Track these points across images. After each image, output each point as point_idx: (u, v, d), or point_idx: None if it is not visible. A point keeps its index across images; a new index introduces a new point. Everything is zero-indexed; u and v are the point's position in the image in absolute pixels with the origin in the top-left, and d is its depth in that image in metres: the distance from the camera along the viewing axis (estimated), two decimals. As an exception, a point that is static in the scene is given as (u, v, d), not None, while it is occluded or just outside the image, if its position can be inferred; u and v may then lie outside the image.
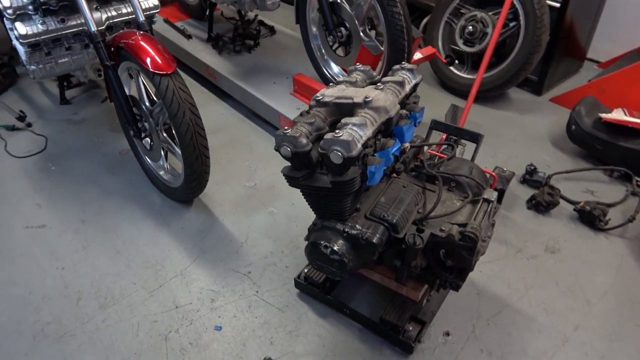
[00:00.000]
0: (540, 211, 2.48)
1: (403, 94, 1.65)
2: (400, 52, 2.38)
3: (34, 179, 2.78)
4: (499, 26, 2.69)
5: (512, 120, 3.26)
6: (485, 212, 1.61)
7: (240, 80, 3.19)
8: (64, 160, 2.92)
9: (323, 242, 1.56)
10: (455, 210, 1.63)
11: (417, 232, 1.57)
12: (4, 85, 3.57)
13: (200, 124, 2.20)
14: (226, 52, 3.52)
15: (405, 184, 1.69)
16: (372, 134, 1.48)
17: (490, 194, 1.65)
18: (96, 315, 2.05)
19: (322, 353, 1.89)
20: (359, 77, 1.76)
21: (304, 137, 1.47)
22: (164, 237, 2.40)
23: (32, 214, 2.55)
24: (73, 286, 2.17)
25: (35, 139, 3.10)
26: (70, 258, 2.30)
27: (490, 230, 1.72)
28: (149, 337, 1.96)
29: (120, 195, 2.65)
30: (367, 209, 1.61)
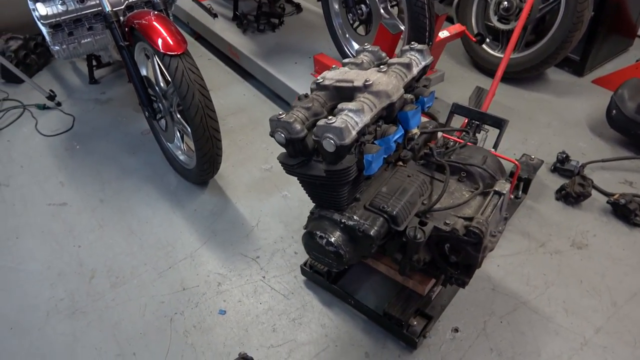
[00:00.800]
0: (569, 203, 2.31)
1: (409, 77, 1.54)
2: (422, 31, 2.24)
3: (59, 158, 2.85)
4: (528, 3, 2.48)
5: (548, 103, 3.05)
6: (495, 205, 1.50)
7: (261, 60, 3.13)
8: (89, 139, 2.98)
9: (319, 232, 1.50)
10: (462, 203, 1.52)
11: (420, 225, 1.47)
12: (38, 65, 3.67)
13: (211, 106, 2.16)
14: (250, 31, 3.46)
15: (411, 173, 1.59)
16: (370, 120, 1.40)
17: (503, 186, 1.53)
18: (107, 294, 2.09)
19: (324, 343, 1.85)
20: (366, 59, 1.66)
21: (299, 122, 1.40)
22: (177, 219, 2.41)
23: (55, 192, 2.62)
24: (87, 264, 2.22)
25: (63, 118, 3.17)
26: (87, 236, 2.35)
27: (501, 225, 1.60)
28: (155, 317, 1.98)
29: (139, 175, 2.68)
30: (368, 198, 1.53)
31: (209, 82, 3.41)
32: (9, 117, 3.22)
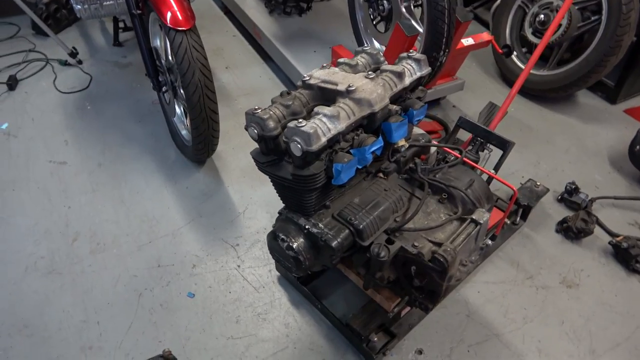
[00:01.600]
0: (569, 237, 2.19)
1: (400, 87, 1.46)
2: (439, 36, 2.13)
3: (69, 116, 2.89)
4: (560, 14, 2.32)
5: (571, 127, 2.88)
6: (469, 234, 1.41)
7: (281, 43, 3.07)
8: (101, 101, 3.01)
9: (282, 234, 1.46)
10: (435, 226, 1.45)
11: (386, 243, 1.41)
12: (68, 21, 3.72)
13: (211, 87, 2.13)
14: (277, 13, 3.39)
15: (388, 187, 1.52)
16: (346, 128, 1.33)
17: (481, 215, 1.44)
18: (85, 259, 2.11)
19: (284, 343, 1.83)
20: (362, 61, 1.58)
21: (273, 120, 1.35)
22: (167, 194, 2.41)
23: (57, 150, 2.66)
24: (73, 226, 2.25)
25: (81, 77, 3.21)
26: (79, 198, 2.38)
27: (475, 255, 1.52)
28: (125, 290, 1.99)
29: (140, 145, 2.68)
30: (338, 208, 1.47)
31: (228, 59, 3.41)
32: (32, 68, 3.28)
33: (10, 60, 3.34)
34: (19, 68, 3.26)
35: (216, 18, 3.88)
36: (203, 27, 3.64)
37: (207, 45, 3.47)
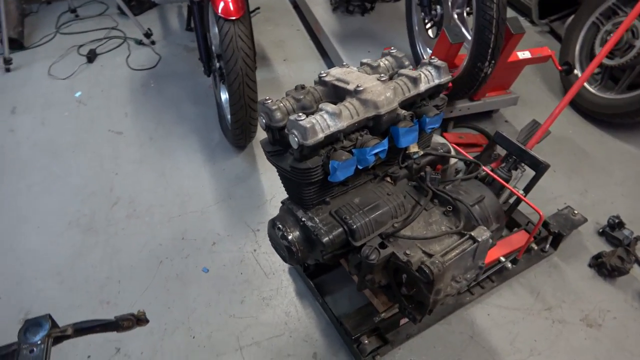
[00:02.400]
0: (602, 274, 2.03)
1: (413, 92, 1.45)
2: (484, 47, 2.06)
3: (133, 91, 3.12)
4: (620, 30, 2.14)
5: (632, 158, 2.65)
6: (464, 250, 1.37)
7: (337, 41, 3.10)
8: (164, 80, 3.22)
9: (279, 223, 1.50)
10: (431, 237, 1.42)
11: (378, 247, 1.41)
12: (150, 4, 4.00)
13: (252, 76, 2.21)
14: (340, 10, 3.42)
15: (392, 192, 1.51)
16: (347, 127, 1.34)
17: (480, 232, 1.39)
18: (120, 222, 2.29)
19: (281, 330, 1.88)
20: (385, 63, 1.58)
21: (281, 112, 1.40)
22: (204, 173, 2.54)
23: (117, 120, 2.89)
24: (116, 191, 2.44)
25: (151, 56, 3.45)
26: (126, 167, 2.58)
27: (472, 273, 1.47)
28: (149, 256, 2.14)
29: (190, 125, 2.84)
30: (337, 205, 1.48)
31: (288, 52, 3.50)
32: (111, 44, 3.57)
33: (95, 35, 3.67)
34: (100, 43, 3.56)
35: (285, 11, 3.99)
36: (270, 19, 3.78)
37: (270, 37, 3.63)
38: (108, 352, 1.82)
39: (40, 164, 2.60)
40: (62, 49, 3.50)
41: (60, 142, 2.74)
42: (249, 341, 1.85)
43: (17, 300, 1.98)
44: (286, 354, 1.81)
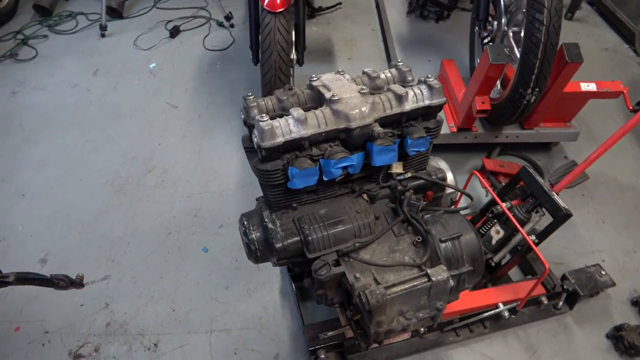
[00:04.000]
0: (618, 349, 1.77)
1: (396, 110, 1.36)
2: (528, 73, 1.86)
3: (200, 69, 3.29)
4: None
5: None
6: (414, 287, 1.28)
7: (400, 45, 3.00)
8: (230, 63, 3.35)
9: (245, 220, 1.50)
10: (383, 265, 1.34)
11: (331, 264, 1.36)
12: (240, -12, 4.17)
13: (285, 71, 2.22)
14: (415, 15, 3.29)
15: (362, 210, 1.43)
16: (312, 135, 1.30)
17: (437, 272, 1.28)
18: (148, 189, 2.45)
19: (254, 324, 1.89)
20: (386, 75, 1.50)
21: (259, 109, 1.40)
22: (235, 158, 2.61)
23: (177, 94, 3.07)
24: (153, 160, 2.61)
25: (226, 39, 3.60)
26: (169, 139, 2.74)
27: (428, 313, 1.36)
28: (161, 226, 2.27)
29: (237, 109, 2.94)
30: (303, 212, 1.45)
31: (355, 51, 3.45)
32: (194, 23, 3.79)
33: (185, 12, 3.91)
34: (186, 20, 3.79)
35: (366, 9, 3.93)
36: (349, 16, 3.75)
37: (343, 34, 3.60)
38: (98, 305, 1.97)
39: (101, 124, 2.86)
40: (152, 22, 3.78)
41: (123, 107, 2.98)
42: (221, 327, 1.89)
43: (41, 241, 2.21)
44: (250, 348, 1.82)
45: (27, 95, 3.11)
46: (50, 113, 2.96)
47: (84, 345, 1.84)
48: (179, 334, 1.87)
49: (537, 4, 1.76)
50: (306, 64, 3.14)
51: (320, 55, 3.38)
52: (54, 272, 1.87)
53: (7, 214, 2.35)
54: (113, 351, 1.82)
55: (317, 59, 3.33)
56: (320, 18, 3.80)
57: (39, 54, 3.46)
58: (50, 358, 1.81)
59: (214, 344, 1.84)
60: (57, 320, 1.92)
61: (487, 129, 2.36)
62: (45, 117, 2.93)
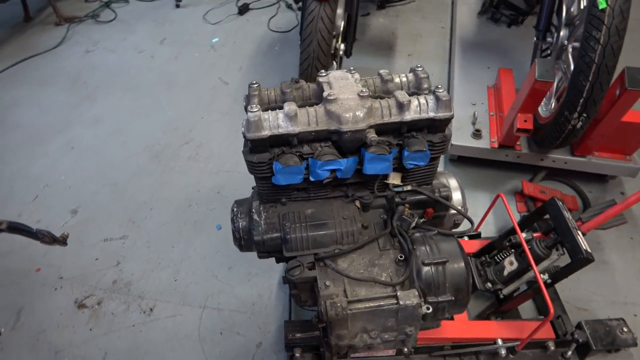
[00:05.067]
0: (626, 417, 1.58)
1: (395, 118, 1.27)
2: (576, 95, 1.67)
3: (258, 49, 3.33)
4: None
5: None
6: (380, 306, 1.21)
7: (462, 47, 2.83)
8: (288, 46, 3.35)
9: (236, 207, 1.50)
10: (354, 277, 1.28)
11: (305, 265, 1.33)
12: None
13: (323, 60, 2.18)
14: (486, 16, 3.08)
15: (349, 217, 1.37)
16: (301, 132, 1.26)
17: (407, 296, 1.20)
18: (181, 160, 2.54)
19: (246, 308, 1.91)
20: (401, 79, 1.42)
21: (260, 98, 1.38)
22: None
23: (231, 72, 3.13)
24: (193, 133, 2.69)
25: (291, 21, 3.60)
26: (212, 115, 2.81)
27: (395, 336, 1.28)
28: (184, 197, 2.34)
29: (284, 93, 2.93)
30: (290, 210, 1.42)
31: (417, 48, 3.32)
32: (265, 2, 3.82)
33: (258, -9, 3.96)
34: (257, -1, 3.85)
35: (441, 5, 3.74)
36: (421, 10, 3.60)
37: (410, 28, 3.47)
38: (110, 262, 2.08)
39: (155, 91, 2.99)
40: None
41: (179, 77, 3.09)
42: (214, 305, 1.92)
43: (76, 193, 2.37)
44: (236, 331, 1.84)
45: (99, 56, 3.33)
46: (114, 75, 3.14)
47: (89, 296, 1.96)
48: (174, 304, 1.93)
49: (596, 20, 1.56)
50: (362, 56, 3.09)
51: (379, 48, 3.28)
52: (81, 224, 2.02)
53: (56, 163, 2.54)
54: (112, 307, 1.92)
55: (375, 52, 3.23)
56: (390, 10, 3.68)
57: (118, 17, 3.68)
58: (58, 302, 1.94)
59: (204, 319, 1.88)
60: (72, 269, 2.06)
61: (532, 150, 2.17)
62: (108, 78, 3.11)
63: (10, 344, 1.82)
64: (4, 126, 2.80)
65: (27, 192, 2.39)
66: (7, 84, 3.11)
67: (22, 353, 1.79)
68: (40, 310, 1.92)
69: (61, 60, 3.29)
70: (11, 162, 2.56)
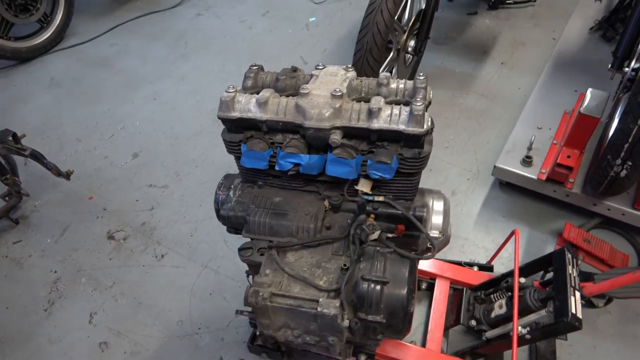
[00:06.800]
0: None
1: (362, 124, 1.21)
2: (621, 139, 1.42)
3: (348, 34, 3.32)
4: None
5: None
6: (300, 306, 1.20)
7: (555, 62, 2.54)
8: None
9: (223, 180, 1.57)
10: (291, 275, 1.28)
11: (255, 248, 1.37)
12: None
13: (376, 55, 2.12)
14: (599, 33, 2.70)
15: (311, 213, 1.36)
16: (269, 120, 1.28)
17: (326, 305, 1.18)
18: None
19: (240, 277, 2.00)
20: (398, 85, 1.34)
21: (253, 81, 1.42)
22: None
23: (314, 53, 3.19)
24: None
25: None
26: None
27: (317, 340, 1.27)
28: (227, 163, 2.48)
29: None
30: (264, 194, 1.45)
31: (513, 57, 3.09)
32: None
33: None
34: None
35: (562, 14, 3.33)
36: (537, 16, 3.31)
37: (514, 35, 3.19)
38: (146, 205, 2.32)
39: (241, 60, 3.17)
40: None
41: (265, 50, 3.24)
42: (215, 267, 2.05)
43: (143, 140, 2.65)
44: (223, 296, 1.95)
45: (206, 20, 3.60)
46: (212, 39, 3.39)
47: (119, 231, 2.22)
48: (182, 257, 2.09)
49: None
50: (447, 57, 2.95)
51: (472, 51, 3.06)
52: (136, 167, 2.27)
53: (137, 110, 2.86)
54: (133, 245, 2.15)
55: (464, 54, 3.03)
56: (502, 11, 3.40)
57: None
58: (95, 230, 2.23)
59: (201, 277, 2.01)
60: (116, 204, 2.33)
61: (585, 191, 1.90)
62: (206, 41, 3.37)
63: (49, 253, 2.15)
64: (111, 69, 3.21)
65: (107, 130, 2.74)
66: (126, 33, 3.53)
67: (54, 263, 2.10)
68: (81, 232, 2.22)
69: (175, 19, 3.63)
70: (105, 102, 2.94)
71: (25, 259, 2.13)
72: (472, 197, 2.22)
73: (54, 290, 2.01)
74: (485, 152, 2.40)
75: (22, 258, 2.13)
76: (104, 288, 2.00)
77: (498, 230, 2.08)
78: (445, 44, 3.14)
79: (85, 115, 2.85)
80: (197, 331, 1.84)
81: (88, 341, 1.84)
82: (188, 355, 1.78)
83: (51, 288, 2.01)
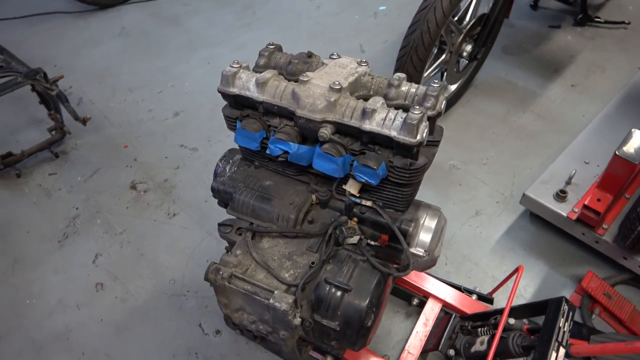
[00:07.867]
0: None
1: (354, 123, 1.15)
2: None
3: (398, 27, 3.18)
4: None
5: None
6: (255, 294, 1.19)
7: (626, 94, 2.28)
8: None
9: (227, 153, 1.57)
10: (260, 264, 1.26)
11: (234, 228, 1.37)
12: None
13: (422, 55, 2.01)
14: None
15: (295, 203, 1.32)
16: (265, 101, 1.26)
17: (279, 298, 1.15)
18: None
19: (239, 252, 2.01)
20: (410, 89, 1.25)
21: (266, 60, 1.40)
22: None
23: (374, 43, 3.09)
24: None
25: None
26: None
27: (270, 330, 1.25)
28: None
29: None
30: (256, 174, 1.44)
31: (586, 81, 2.85)
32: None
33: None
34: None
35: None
36: (628, 40, 3.06)
37: (595, 57, 2.96)
38: (174, 164, 2.39)
39: (300, 38, 3.16)
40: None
41: (327, 32, 3.19)
42: (218, 236, 2.07)
43: (188, 100, 2.74)
44: (217, 264, 1.97)
45: (279, -7, 3.61)
46: (278, 13, 3.39)
47: (142, 183, 2.30)
48: (192, 220, 2.14)
49: None
50: (514, 68, 2.81)
51: (542, 66, 2.83)
52: (174, 125, 2.35)
53: (190, 71, 2.94)
54: (151, 199, 2.23)
55: (532, 69, 2.81)
56: (588, 30, 3.11)
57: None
58: (121, 177, 2.33)
59: (203, 243, 2.05)
60: (145, 156, 2.42)
61: (617, 242, 1.71)
62: (273, 14, 3.38)
63: (76, 190, 2.28)
64: (178, 27, 3.31)
65: (157, 85, 2.84)
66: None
67: (78, 201, 2.23)
68: (108, 177, 2.34)
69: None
70: (164, 58, 3.04)
71: (55, 191, 2.27)
72: (496, 221, 2.08)
73: (71, 225, 2.13)
74: (524, 178, 2.22)
75: (53, 190, 2.28)
76: (114, 233, 2.10)
77: (514, 262, 1.93)
78: (515, 55, 2.93)
79: (143, 68, 2.97)
80: (185, 293, 1.89)
81: (87, 279, 1.94)
82: (171, 314, 1.84)
83: (69, 222, 2.14)
